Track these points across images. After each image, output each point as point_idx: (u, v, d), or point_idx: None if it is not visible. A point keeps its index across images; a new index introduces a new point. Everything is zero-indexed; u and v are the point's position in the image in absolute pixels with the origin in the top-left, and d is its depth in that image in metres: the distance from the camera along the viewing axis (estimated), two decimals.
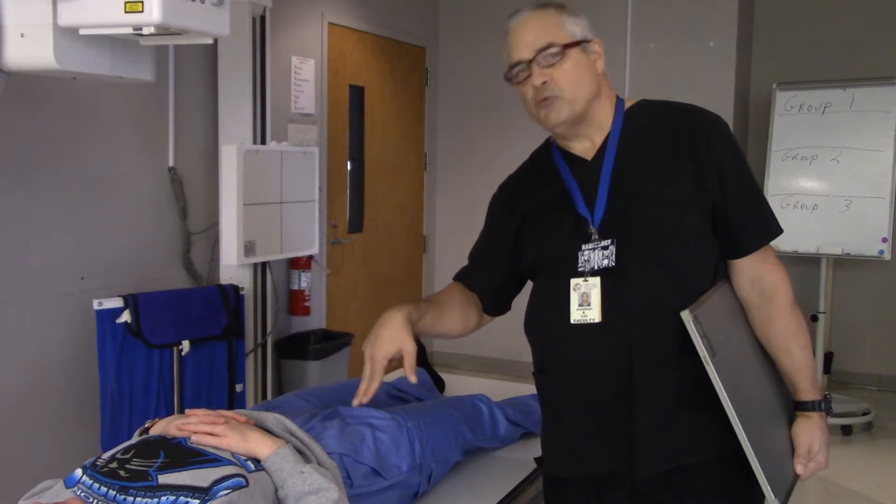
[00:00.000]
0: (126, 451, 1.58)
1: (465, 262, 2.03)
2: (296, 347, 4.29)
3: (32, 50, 2.31)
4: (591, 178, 1.68)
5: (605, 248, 1.62)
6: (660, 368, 1.60)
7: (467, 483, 2.14)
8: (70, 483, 1.51)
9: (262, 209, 3.71)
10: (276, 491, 1.59)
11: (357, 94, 5.19)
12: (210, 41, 2.41)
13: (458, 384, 2.91)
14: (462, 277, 1.97)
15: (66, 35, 2.30)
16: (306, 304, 4.46)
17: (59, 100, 3.19)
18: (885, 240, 4.65)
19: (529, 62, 1.63)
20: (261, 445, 1.64)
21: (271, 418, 1.81)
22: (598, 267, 1.61)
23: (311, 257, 4.38)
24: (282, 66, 4.40)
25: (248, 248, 3.63)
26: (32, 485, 1.60)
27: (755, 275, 1.67)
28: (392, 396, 2.56)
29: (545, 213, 1.73)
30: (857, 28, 5.41)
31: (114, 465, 1.52)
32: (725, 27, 5.22)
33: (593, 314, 1.61)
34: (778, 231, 1.68)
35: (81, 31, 2.28)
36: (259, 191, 3.67)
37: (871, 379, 5.51)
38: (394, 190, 5.62)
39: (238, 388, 3.60)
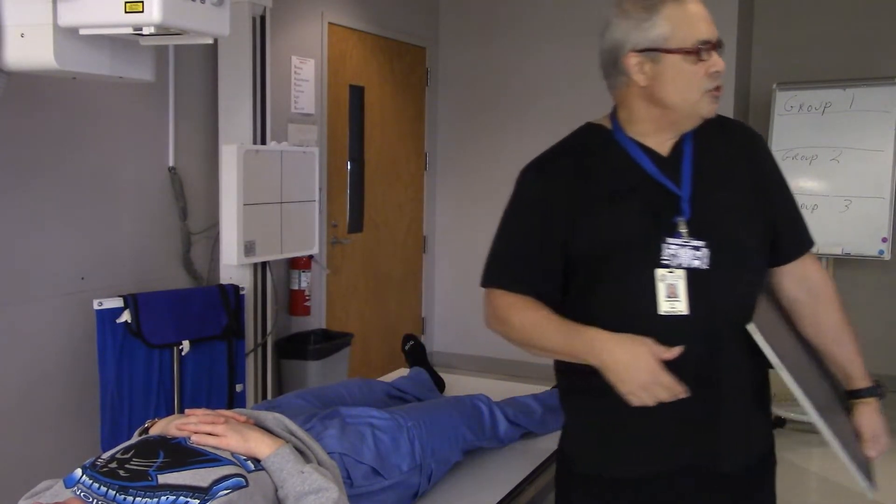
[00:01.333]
0: (126, 450, 1.58)
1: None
2: (296, 347, 4.29)
3: (32, 50, 2.31)
4: (671, 173, 1.66)
5: (697, 248, 1.61)
6: (740, 366, 1.64)
7: (467, 483, 2.14)
8: (70, 483, 1.51)
9: (262, 209, 3.71)
10: (276, 491, 1.59)
11: (357, 94, 5.19)
12: (210, 41, 2.41)
13: (458, 384, 2.91)
14: (523, 287, 1.72)
15: (66, 35, 2.30)
16: (306, 304, 4.46)
17: (59, 100, 3.19)
18: (885, 240, 4.65)
19: (714, 45, 1.61)
20: (261, 445, 1.64)
21: (271, 418, 1.81)
22: (689, 266, 1.61)
23: (311, 257, 4.38)
24: (282, 66, 4.40)
25: (248, 248, 3.63)
26: (32, 485, 1.60)
27: (801, 274, 1.74)
28: (392, 396, 2.56)
29: (618, 201, 1.65)
30: (857, 28, 5.40)
31: (113, 464, 1.52)
32: (725, 27, 5.22)
33: (682, 306, 1.60)
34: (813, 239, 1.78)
35: (81, 31, 2.28)
36: (259, 191, 3.67)
37: (871, 379, 5.51)
38: (394, 190, 5.62)
39: (238, 388, 3.60)
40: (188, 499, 1.43)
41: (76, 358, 3.25)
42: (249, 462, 1.60)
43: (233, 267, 3.68)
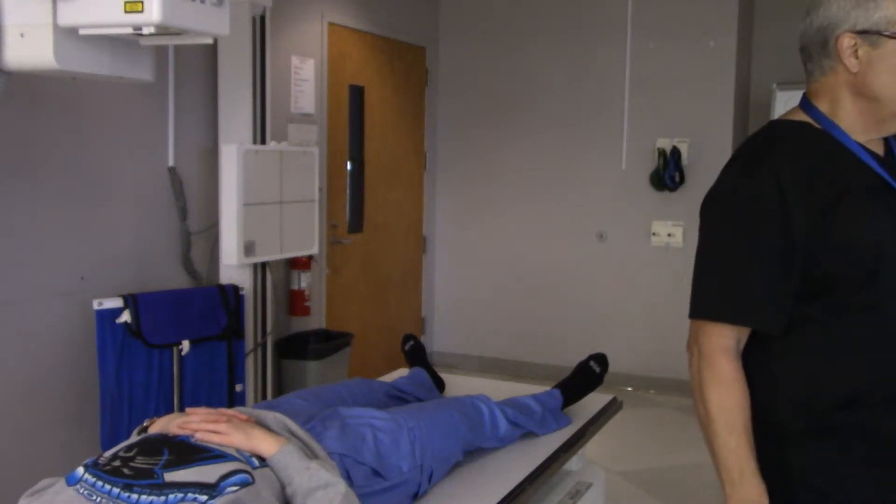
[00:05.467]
0: (128, 449, 1.58)
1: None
2: (296, 347, 4.29)
3: (32, 50, 2.32)
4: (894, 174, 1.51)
5: None
6: None
7: (467, 483, 2.14)
8: (72, 481, 1.51)
9: (262, 209, 3.71)
10: (283, 488, 1.59)
11: (357, 94, 5.19)
12: (210, 41, 2.42)
13: (458, 384, 2.91)
14: (749, 318, 1.49)
15: (66, 35, 2.30)
16: (306, 304, 4.46)
17: (59, 100, 3.19)
18: None
19: None
20: (264, 444, 1.64)
21: (272, 417, 1.81)
22: None
23: (311, 257, 4.38)
24: (282, 66, 4.40)
25: (248, 248, 3.63)
26: (32, 485, 1.59)
27: None
28: (392, 397, 2.56)
29: (856, 205, 1.46)
30: None
31: (117, 462, 1.52)
32: (725, 27, 5.22)
33: None
34: None
35: (81, 31, 2.28)
36: (259, 191, 3.67)
37: None
38: (394, 190, 5.62)
39: (238, 388, 3.61)
40: (196, 495, 1.43)
41: (76, 358, 3.25)
42: (254, 459, 1.60)
43: (233, 267, 3.68)
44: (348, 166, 5.14)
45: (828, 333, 1.48)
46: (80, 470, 1.52)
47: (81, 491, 1.48)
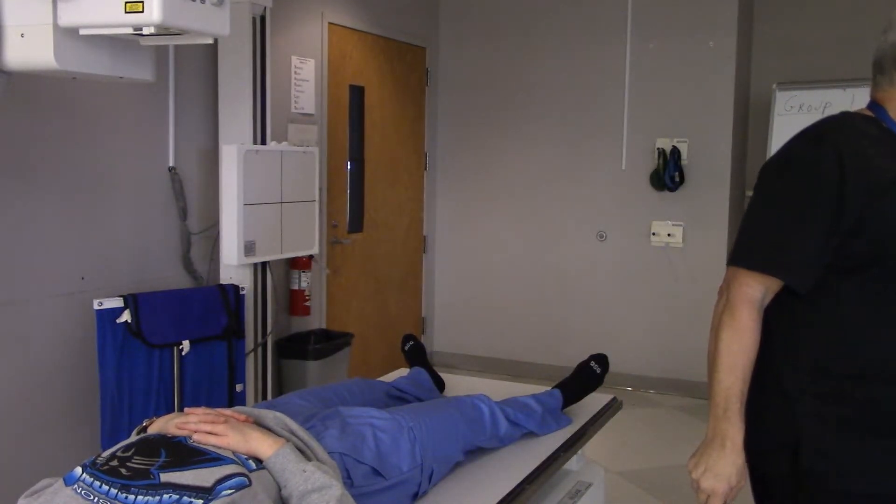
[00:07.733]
0: (126, 448, 1.58)
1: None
2: (296, 347, 4.29)
3: (32, 50, 2.31)
4: None
5: None
6: None
7: (467, 483, 2.14)
8: (70, 481, 1.51)
9: (262, 209, 3.71)
10: (280, 490, 1.59)
11: (357, 94, 5.19)
12: (210, 41, 2.41)
13: (458, 384, 2.91)
14: (783, 272, 1.60)
15: (66, 35, 2.30)
16: (306, 304, 4.46)
17: (59, 100, 3.19)
18: None
19: None
20: (262, 445, 1.64)
21: (271, 416, 1.81)
22: None
23: (311, 257, 4.38)
24: (282, 66, 4.40)
25: (248, 248, 3.63)
26: (32, 485, 1.59)
27: None
28: (392, 396, 2.56)
29: None
30: (857, 28, 5.40)
31: (114, 462, 1.52)
32: (725, 27, 5.22)
33: None
34: None
35: (81, 32, 2.28)
36: (259, 191, 3.67)
37: None
38: (394, 190, 5.62)
39: (238, 387, 3.61)
40: (192, 499, 1.43)
41: (76, 358, 3.25)
42: (251, 461, 1.60)
43: (233, 267, 3.68)
44: (348, 166, 5.14)
45: (857, 306, 1.58)
46: (78, 470, 1.52)
47: (79, 491, 1.47)
